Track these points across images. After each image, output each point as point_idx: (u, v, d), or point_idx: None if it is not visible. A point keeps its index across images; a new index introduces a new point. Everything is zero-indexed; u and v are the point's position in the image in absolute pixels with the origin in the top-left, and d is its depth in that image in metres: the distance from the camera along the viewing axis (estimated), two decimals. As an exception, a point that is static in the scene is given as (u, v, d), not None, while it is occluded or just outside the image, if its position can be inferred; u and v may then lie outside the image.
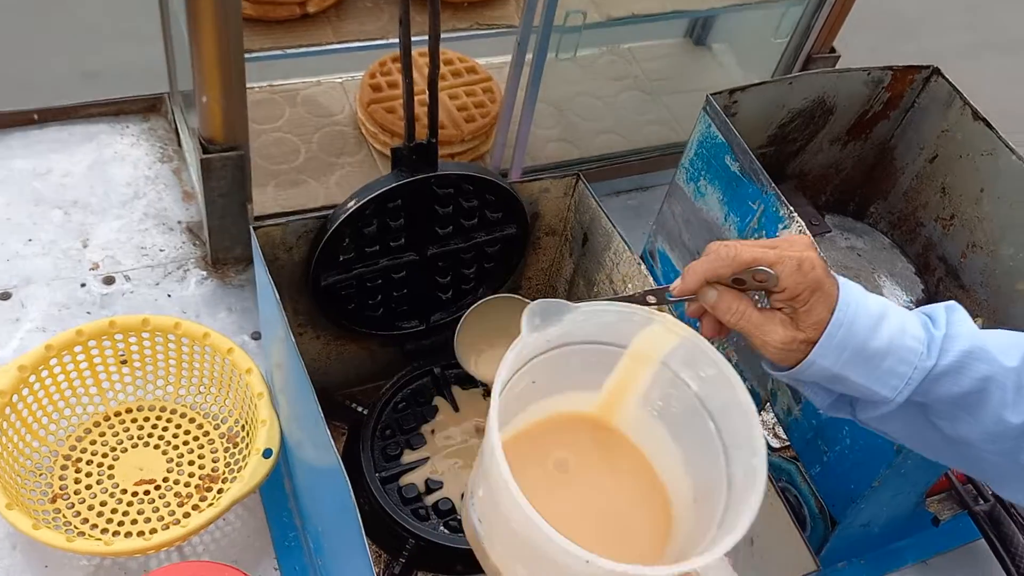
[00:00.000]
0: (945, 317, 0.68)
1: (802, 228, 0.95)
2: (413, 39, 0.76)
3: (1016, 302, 1.12)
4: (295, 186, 1.31)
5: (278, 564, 0.99)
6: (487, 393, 1.04)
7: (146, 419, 1.07)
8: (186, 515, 0.99)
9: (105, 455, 1.03)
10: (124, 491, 1.01)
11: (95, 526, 0.97)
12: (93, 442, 1.04)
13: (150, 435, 1.05)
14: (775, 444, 1.11)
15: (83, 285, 1.19)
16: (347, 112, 1.43)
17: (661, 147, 1.47)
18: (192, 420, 1.07)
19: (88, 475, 1.01)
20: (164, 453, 1.04)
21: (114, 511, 0.99)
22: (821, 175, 1.29)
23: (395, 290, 0.97)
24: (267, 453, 0.96)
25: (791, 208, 0.96)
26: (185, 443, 1.05)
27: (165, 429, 1.06)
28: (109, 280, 1.20)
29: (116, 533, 0.97)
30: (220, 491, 1.01)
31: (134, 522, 0.98)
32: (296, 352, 0.76)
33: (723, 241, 0.69)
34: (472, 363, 0.92)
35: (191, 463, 1.04)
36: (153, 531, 0.97)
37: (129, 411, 1.07)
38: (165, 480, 1.02)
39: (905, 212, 1.27)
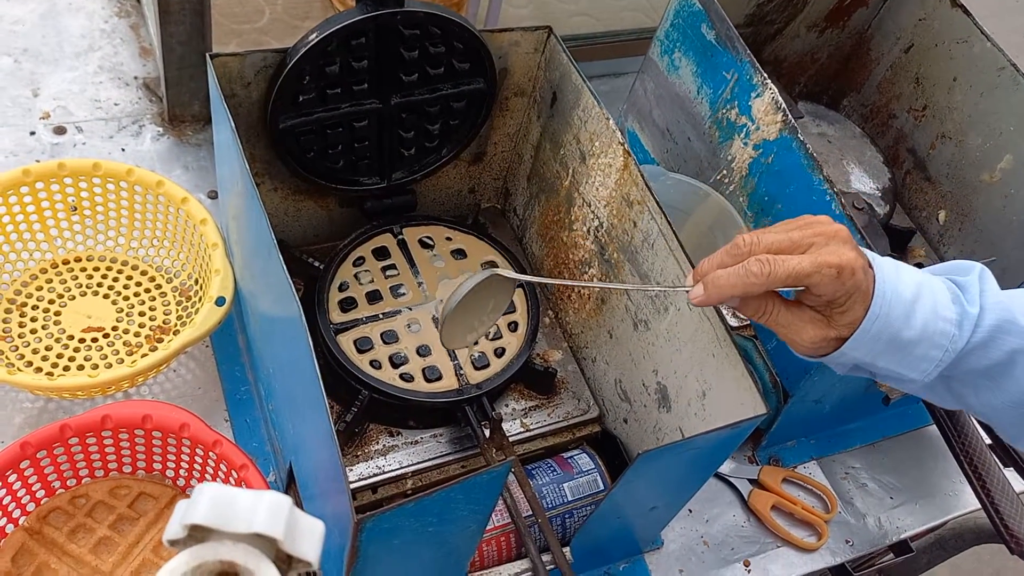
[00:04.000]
0: (978, 288, 0.66)
1: (775, 95, 0.93)
2: None
3: (979, 192, 1.12)
4: (257, 47, 1.26)
5: (229, 416, 0.98)
6: (454, 254, 1.02)
7: (96, 269, 1.04)
8: (134, 363, 0.97)
9: (52, 301, 1.00)
10: (71, 337, 0.98)
11: (39, 369, 0.95)
12: (39, 288, 1.01)
13: (99, 284, 1.03)
14: (734, 323, 1.10)
15: (32, 133, 1.14)
16: (315, -24, 1.38)
17: (636, 31, 1.44)
18: (144, 273, 1.04)
19: (33, 320, 0.98)
20: (114, 303, 1.02)
21: (60, 355, 0.96)
22: (797, 63, 1.28)
23: (356, 141, 0.94)
24: (220, 301, 0.94)
25: (764, 75, 0.94)
26: (136, 295, 1.03)
27: (116, 280, 1.03)
28: (60, 130, 1.15)
29: (61, 376, 0.95)
30: (171, 343, 0.99)
31: (80, 367, 0.96)
32: (253, 188, 0.74)
33: (750, 237, 0.64)
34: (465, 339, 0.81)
35: (141, 314, 1.02)
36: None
37: (78, 260, 1.04)
38: (114, 329, 1.00)
39: (878, 104, 1.26)
